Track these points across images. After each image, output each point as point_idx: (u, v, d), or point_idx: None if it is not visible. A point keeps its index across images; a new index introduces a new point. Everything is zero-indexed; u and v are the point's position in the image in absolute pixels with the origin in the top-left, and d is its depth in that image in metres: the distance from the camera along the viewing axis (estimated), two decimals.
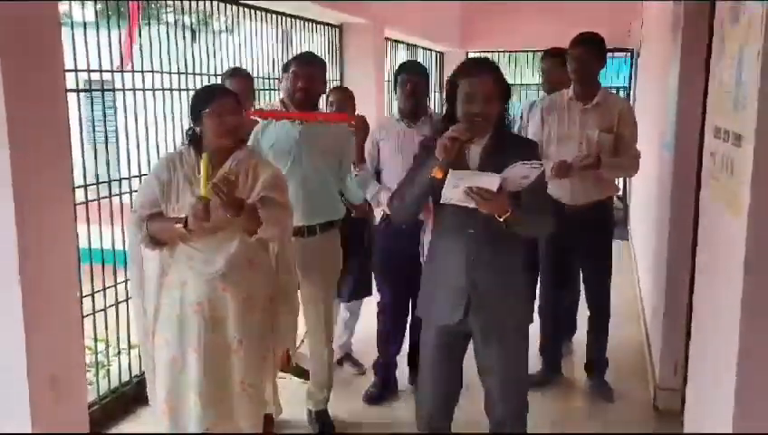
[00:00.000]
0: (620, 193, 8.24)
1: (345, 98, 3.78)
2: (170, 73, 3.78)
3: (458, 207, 2.25)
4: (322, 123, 3.07)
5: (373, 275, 3.75)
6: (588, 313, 3.71)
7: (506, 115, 2.41)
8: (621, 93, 8.69)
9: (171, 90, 3.79)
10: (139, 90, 3.55)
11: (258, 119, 3.03)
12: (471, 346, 2.50)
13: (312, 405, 3.24)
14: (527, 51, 9.08)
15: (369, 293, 3.90)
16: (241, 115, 2.47)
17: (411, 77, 3.32)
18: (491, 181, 2.16)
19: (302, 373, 3.69)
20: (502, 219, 2.21)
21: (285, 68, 3.14)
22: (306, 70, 3.03)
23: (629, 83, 9.04)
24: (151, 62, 3.64)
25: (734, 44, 1.74)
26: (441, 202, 2.25)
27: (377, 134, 3.43)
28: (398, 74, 3.38)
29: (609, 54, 3.62)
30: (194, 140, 2.51)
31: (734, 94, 1.70)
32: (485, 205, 2.17)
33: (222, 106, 2.43)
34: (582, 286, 3.68)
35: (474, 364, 2.51)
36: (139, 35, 3.67)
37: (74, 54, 3.04)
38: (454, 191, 2.19)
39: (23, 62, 2.39)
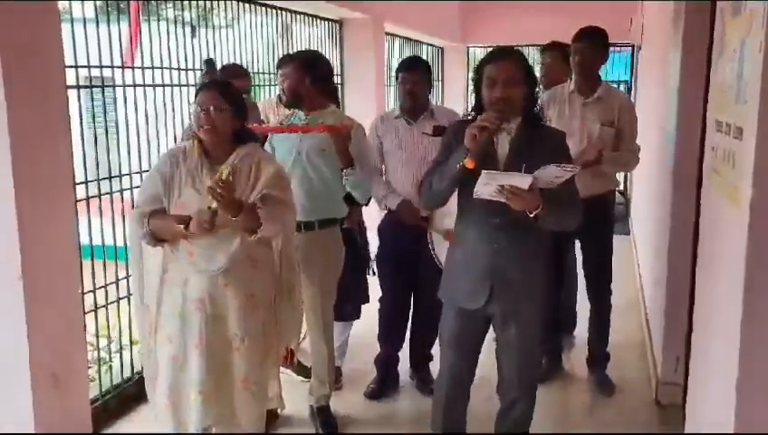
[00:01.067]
0: (621, 187, 8.24)
1: None
2: (170, 69, 3.76)
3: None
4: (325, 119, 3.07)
5: (376, 273, 3.71)
6: (589, 307, 3.71)
7: (535, 103, 2.43)
8: (622, 88, 8.68)
9: (171, 85, 3.78)
10: (139, 86, 3.54)
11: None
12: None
13: (314, 401, 3.25)
14: (528, 45, 9.06)
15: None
16: (224, 111, 2.42)
17: (410, 75, 3.29)
18: (523, 181, 2.18)
19: (305, 372, 3.70)
20: (532, 215, 2.25)
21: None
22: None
23: (631, 78, 9.03)
24: (151, 58, 3.63)
25: (736, 37, 1.74)
26: (474, 197, 2.27)
27: (378, 129, 3.43)
28: (398, 72, 3.36)
29: (611, 49, 3.61)
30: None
31: (736, 87, 1.70)
32: (517, 202, 2.21)
33: (201, 100, 2.43)
34: (584, 281, 3.68)
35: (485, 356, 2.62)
36: (139, 33, 3.67)
37: (74, 51, 3.04)
38: (485, 187, 2.22)
39: (23, 59, 2.39)
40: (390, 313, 3.57)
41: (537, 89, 2.44)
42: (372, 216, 3.85)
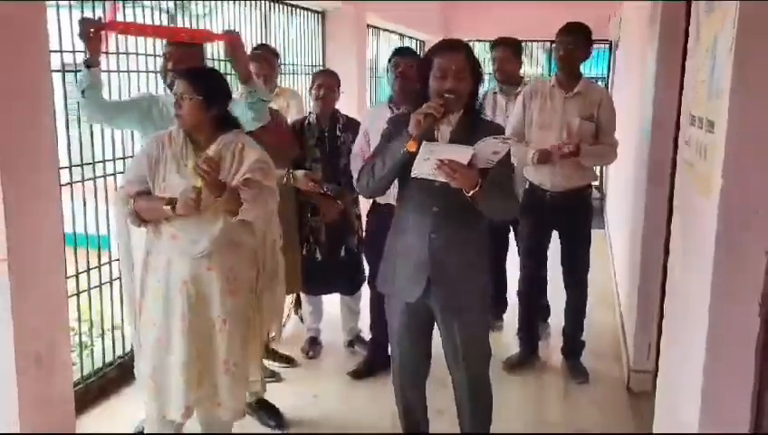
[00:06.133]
0: (597, 183, 8.36)
1: (333, 81, 3.78)
2: (146, 55, 3.66)
3: (423, 184, 2.30)
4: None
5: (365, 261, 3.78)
6: (566, 297, 3.79)
7: (477, 96, 2.45)
8: (599, 84, 8.79)
9: (147, 72, 3.69)
10: (113, 71, 3.49)
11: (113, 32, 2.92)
12: None
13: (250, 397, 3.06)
14: None
15: (364, 280, 3.91)
16: (193, 100, 2.42)
17: (401, 61, 3.33)
18: (463, 154, 2.20)
19: (284, 359, 3.76)
20: (470, 194, 2.25)
21: None
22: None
23: (608, 74, 9.15)
24: (126, 44, 3.54)
25: (709, 34, 1.80)
26: (412, 176, 2.28)
27: (367, 123, 3.46)
28: (391, 58, 3.40)
29: None
30: None
31: (709, 83, 1.76)
32: (456, 178, 2.21)
33: (175, 88, 2.46)
34: (561, 270, 3.76)
35: None
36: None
37: (60, 35, 3.02)
38: (424, 165, 2.23)
39: (7, 43, 2.39)
40: (378, 297, 3.63)
41: (481, 82, 2.44)
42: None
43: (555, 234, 3.76)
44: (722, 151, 1.56)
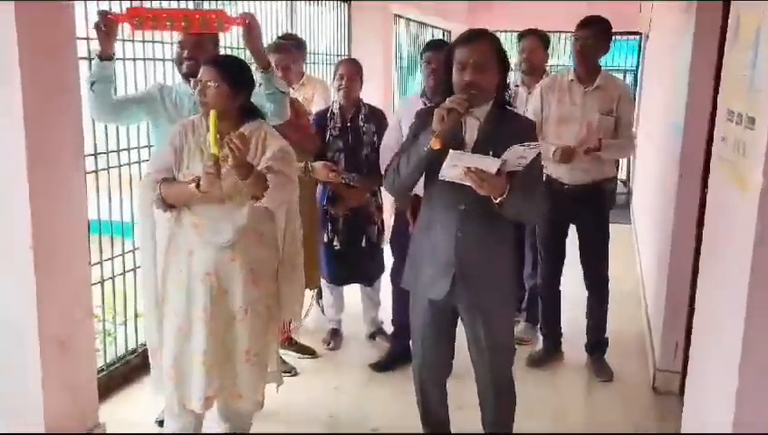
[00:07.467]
0: (624, 177, 8.25)
1: (355, 70, 3.75)
2: (171, 44, 3.59)
3: (449, 182, 2.24)
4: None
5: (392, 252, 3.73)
6: (587, 294, 3.73)
7: (506, 88, 2.36)
8: (630, 76, 8.69)
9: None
10: (149, 60, 3.50)
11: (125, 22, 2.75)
12: None
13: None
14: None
15: (383, 270, 3.92)
16: (218, 87, 2.40)
17: (434, 55, 3.25)
18: (491, 164, 2.15)
19: (305, 350, 3.75)
20: (497, 201, 2.20)
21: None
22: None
23: (638, 66, 9.03)
24: (152, 33, 3.54)
25: (751, 26, 1.74)
26: (439, 178, 2.23)
27: (399, 114, 3.43)
28: (423, 52, 3.36)
29: (619, 37, 3.61)
30: None
31: (749, 76, 1.70)
32: (483, 186, 2.16)
33: (200, 75, 2.45)
34: (581, 267, 3.70)
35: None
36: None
37: (87, 23, 3.02)
38: (452, 169, 2.18)
39: (34, 30, 2.40)
40: (400, 290, 3.61)
41: (509, 74, 2.35)
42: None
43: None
44: (763, 148, 1.51)
